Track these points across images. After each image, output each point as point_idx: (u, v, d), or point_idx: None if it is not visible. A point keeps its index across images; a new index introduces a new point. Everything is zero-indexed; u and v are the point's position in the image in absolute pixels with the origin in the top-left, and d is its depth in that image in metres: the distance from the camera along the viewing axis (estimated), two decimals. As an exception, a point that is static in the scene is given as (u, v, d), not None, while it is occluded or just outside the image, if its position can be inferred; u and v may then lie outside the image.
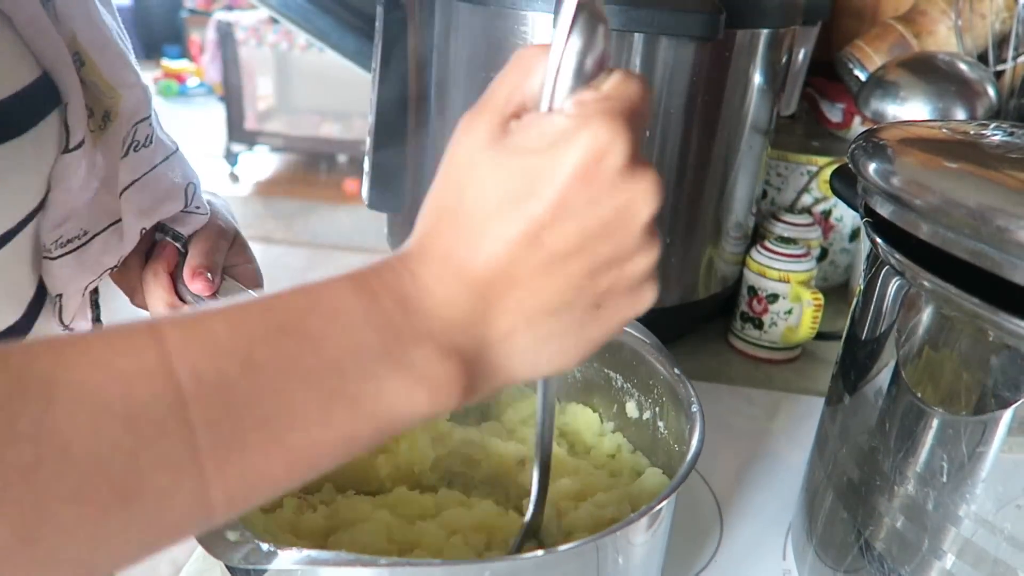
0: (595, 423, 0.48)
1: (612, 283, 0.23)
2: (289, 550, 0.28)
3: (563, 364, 0.25)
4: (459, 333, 0.22)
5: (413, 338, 0.22)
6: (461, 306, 0.22)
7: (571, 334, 0.24)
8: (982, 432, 0.32)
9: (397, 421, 0.22)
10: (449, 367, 0.22)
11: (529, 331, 0.23)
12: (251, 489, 0.20)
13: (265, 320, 0.21)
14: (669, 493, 0.33)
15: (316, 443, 0.21)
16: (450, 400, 0.23)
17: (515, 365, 0.24)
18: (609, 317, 0.24)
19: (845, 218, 0.81)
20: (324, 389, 0.21)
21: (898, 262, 0.36)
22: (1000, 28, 0.78)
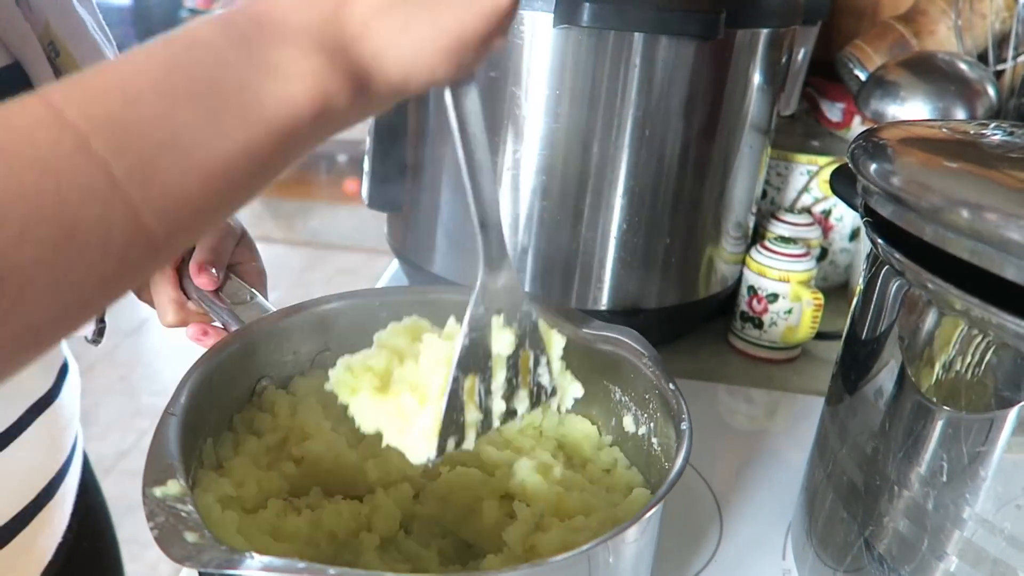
0: (593, 435, 0.47)
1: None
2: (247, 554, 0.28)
3: (430, 59, 0.25)
4: (316, 32, 0.24)
5: (271, 45, 0.24)
6: (312, 11, 0.24)
7: (422, 23, 0.25)
8: (982, 432, 0.32)
9: (289, 122, 0.24)
10: (314, 61, 0.24)
11: (379, 21, 0.24)
12: (180, 207, 0.22)
13: (133, 62, 0.23)
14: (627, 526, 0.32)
15: (221, 155, 0.23)
16: (335, 95, 0.24)
17: (385, 60, 0.25)
18: (460, 3, 0.25)
19: (845, 218, 0.81)
20: (207, 104, 0.23)
21: (898, 262, 0.36)
22: (1000, 28, 0.78)
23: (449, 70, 0.26)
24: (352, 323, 0.48)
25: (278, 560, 0.28)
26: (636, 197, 0.61)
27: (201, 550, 0.28)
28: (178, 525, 0.29)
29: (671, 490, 0.34)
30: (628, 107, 0.58)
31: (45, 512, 0.46)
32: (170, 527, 0.29)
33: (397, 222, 0.72)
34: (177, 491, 0.31)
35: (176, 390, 0.38)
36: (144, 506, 0.30)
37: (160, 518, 0.29)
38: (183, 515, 0.30)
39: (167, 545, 0.28)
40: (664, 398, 0.41)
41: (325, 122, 0.25)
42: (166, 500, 0.30)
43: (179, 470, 0.32)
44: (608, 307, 0.64)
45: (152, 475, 0.32)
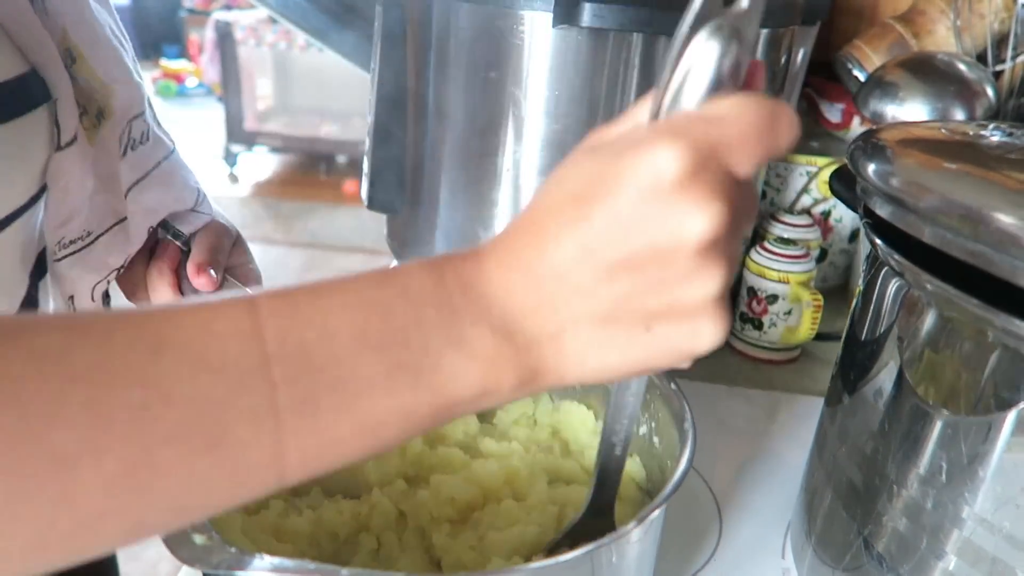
0: (589, 421, 0.48)
1: (663, 306, 0.23)
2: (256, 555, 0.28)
3: (611, 375, 0.25)
4: (513, 321, 0.24)
5: (470, 318, 0.23)
6: (517, 295, 0.23)
7: (618, 348, 0.24)
8: (981, 432, 0.32)
9: (452, 398, 0.23)
10: (501, 348, 0.23)
11: (577, 335, 0.24)
12: (322, 451, 0.22)
13: (343, 293, 0.23)
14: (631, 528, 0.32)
15: (381, 411, 0.22)
16: (501, 383, 0.24)
17: (565, 366, 0.24)
18: (659, 343, 0.24)
19: (844, 219, 0.81)
20: (389, 358, 0.22)
21: (897, 263, 0.36)
22: (999, 28, 0.78)
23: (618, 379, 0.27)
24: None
25: (288, 561, 0.28)
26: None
27: (210, 551, 0.28)
28: (186, 527, 0.29)
29: (674, 493, 0.34)
30: (628, 107, 0.58)
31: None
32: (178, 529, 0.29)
33: (397, 223, 0.72)
34: None
35: None
36: None
37: None
38: None
39: (176, 547, 0.28)
40: (666, 398, 0.42)
41: (481, 403, 0.24)
42: None
43: None
44: (608, 308, 0.64)
45: None
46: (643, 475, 0.45)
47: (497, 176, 0.61)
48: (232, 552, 0.28)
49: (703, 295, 0.23)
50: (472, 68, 0.59)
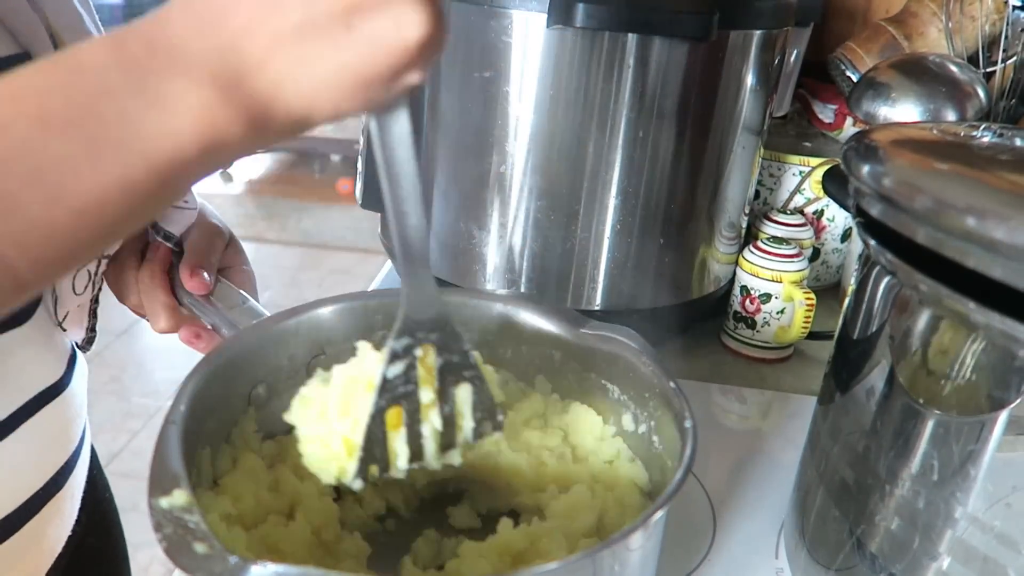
0: (597, 426, 0.47)
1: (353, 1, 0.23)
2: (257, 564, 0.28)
3: (335, 93, 0.24)
4: (211, 62, 0.23)
5: (162, 73, 0.22)
6: (208, 35, 0.23)
7: (325, 57, 0.23)
8: (973, 431, 0.33)
9: (171, 158, 0.23)
10: (205, 94, 0.23)
11: (279, 54, 0.23)
12: (47, 244, 0.22)
13: (13, 84, 0.22)
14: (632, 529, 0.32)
15: (94, 190, 0.22)
16: (225, 129, 0.23)
17: (285, 93, 0.23)
18: (365, 39, 0.23)
19: (837, 218, 0.82)
20: (83, 136, 0.22)
21: (889, 262, 0.36)
22: (990, 30, 0.79)
23: (355, 105, 0.25)
24: (347, 327, 0.47)
25: (293, 568, 0.28)
26: (629, 197, 0.61)
27: (212, 560, 0.28)
28: (186, 536, 0.29)
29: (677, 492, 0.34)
30: (621, 108, 0.58)
31: (54, 503, 0.46)
32: (178, 538, 0.29)
33: (391, 222, 0.72)
34: (183, 501, 0.31)
35: (175, 398, 0.38)
36: (151, 517, 0.30)
37: (168, 529, 0.29)
38: (191, 526, 0.30)
39: (177, 556, 0.28)
40: (665, 397, 0.41)
41: (214, 155, 0.24)
42: (173, 511, 0.30)
43: (184, 480, 0.32)
44: (602, 307, 0.64)
45: (157, 486, 0.32)
46: (645, 478, 0.45)
47: (491, 175, 0.61)
48: (234, 561, 0.28)
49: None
50: (466, 67, 0.59)
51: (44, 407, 0.43)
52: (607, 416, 0.48)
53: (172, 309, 0.46)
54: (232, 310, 0.46)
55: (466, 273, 0.65)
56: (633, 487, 0.44)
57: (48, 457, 0.45)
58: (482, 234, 0.63)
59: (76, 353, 0.49)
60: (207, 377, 0.40)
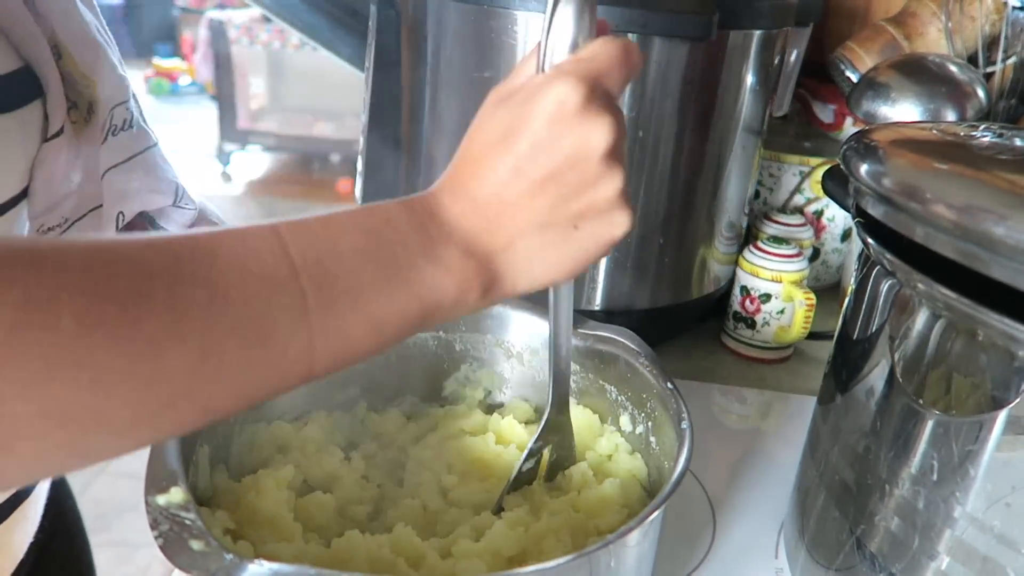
0: (595, 424, 0.48)
1: (584, 206, 0.30)
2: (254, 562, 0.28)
3: (554, 275, 0.31)
4: (472, 240, 0.29)
5: (440, 240, 0.29)
6: (471, 219, 0.29)
7: (556, 249, 0.30)
8: (972, 431, 0.33)
9: (435, 304, 0.29)
10: (468, 263, 0.29)
11: (523, 243, 0.30)
12: (340, 347, 0.27)
13: (343, 221, 0.28)
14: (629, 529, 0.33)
15: (383, 312, 0.28)
16: (470, 292, 0.29)
17: (517, 273, 0.30)
18: (587, 236, 0.31)
19: (837, 218, 0.82)
20: (385, 270, 0.28)
21: (889, 262, 0.36)
22: (990, 30, 0.79)
23: (564, 281, 0.33)
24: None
25: (287, 567, 0.28)
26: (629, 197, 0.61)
27: (208, 557, 0.28)
28: (183, 533, 0.29)
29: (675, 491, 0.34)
30: (622, 107, 0.58)
31: (21, 510, 0.46)
32: (175, 535, 0.29)
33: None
34: (180, 499, 0.31)
35: None
36: (147, 515, 0.30)
37: (164, 526, 0.29)
38: (187, 523, 0.30)
39: (173, 553, 0.28)
40: (662, 398, 0.42)
41: (456, 309, 0.30)
42: (169, 508, 0.30)
43: (181, 477, 0.32)
44: (602, 307, 0.64)
45: (154, 483, 0.32)
46: (645, 472, 0.45)
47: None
48: (229, 559, 0.28)
49: (612, 191, 0.30)
50: (466, 67, 0.59)
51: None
52: (605, 416, 0.48)
53: None
54: None
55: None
56: (634, 481, 0.44)
57: None
58: (482, 234, 0.63)
59: None
60: None
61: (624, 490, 0.43)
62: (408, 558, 0.39)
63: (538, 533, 0.39)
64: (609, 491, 0.42)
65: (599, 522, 0.40)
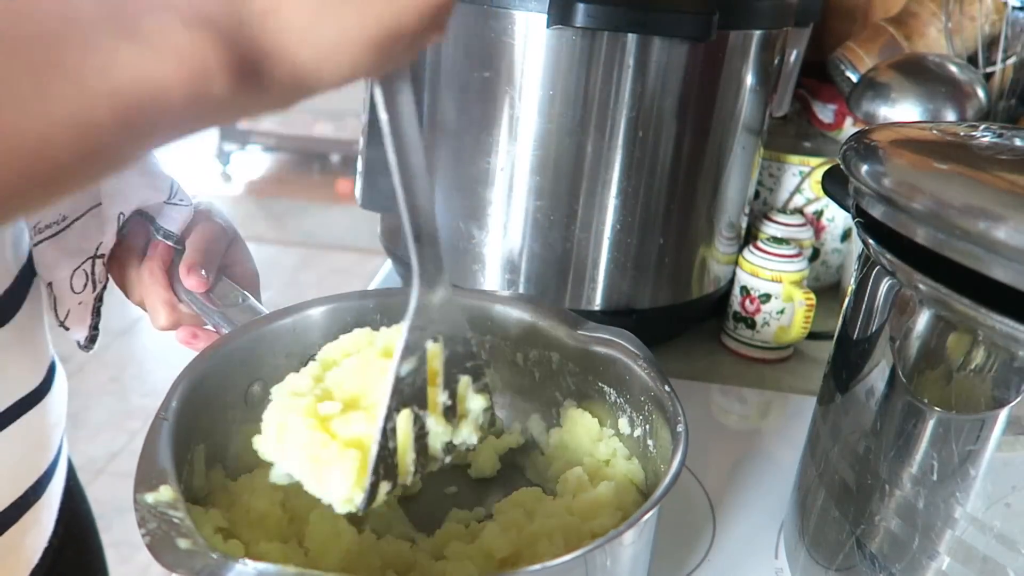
0: (594, 428, 0.47)
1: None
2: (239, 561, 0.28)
3: (351, 51, 0.22)
4: (207, 4, 0.20)
5: (151, 9, 0.20)
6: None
7: (348, 11, 0.21)
8: (972, 432, 0.33)
9: (145, 100, 0.20)
10: (196, 37, 0.20)
11: (295, 1, 0.20)
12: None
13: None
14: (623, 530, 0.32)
15: (38, 126, 0.19)
16: (211, 78, 0.20)
17: (291, 46, 0.21)
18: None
19: (837, 218, 0.82)
20: (32, 61, 0.18)
21: (889, 262, 0.36)
22: (989, 30, 0.79)
23: (375, 64, 0.22)
24: (346, 326, 0.47)
25: (272, 567, 0.28)
26: (629, 197, 0.61)
27: (193, 557, 0.28)
28: (170, 532, 0.29)
29: (667, 494, 0.34)
30: (621, 108, 0.58)
31: (32, 512, 0.45)
32: (162, 534, 0.29)
33: (391, 222, 0.72)
34: (169, 497, 0.31)
35: (168, 394, 0.37)
36: (136, 512, 0.30)
37: (152, 524, 0.29)
38: (175, 521, 0.30)
39: (159, 552, 0.28)
40: (659, 401, 0.41)
41: (198, 108, 0.20)
42: (158, 506, 0.30)
43: (171, 476, 0.32)
44: (601, 307, 0.64)
45: (144, 481, 0.31)
46: (642, 477, 0.45)
47: (491, 175, 0.61)
48: (215, 558, 0.28)
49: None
50: (466, 68, 0.59)
51: (23, 415, 0.43)
52: (604, 419, 0.48)
53: (171, 306, 0.46)
54: (231, 308, 0.46)
55: (466, 273, 0.65)
56: (630, 485, 0.44)
57: (27, 466, 0.45)
58: (482, 234, 0.63)
59: (55, 363, 0.49)
60: (201, 374, 0.40)
61: (619, 494, 0.42)
62: (399, 560, 0.39)
63: (531, 536, 0.39)
64: (604, 494, 0.42)
65: (593, 525, 0.40)
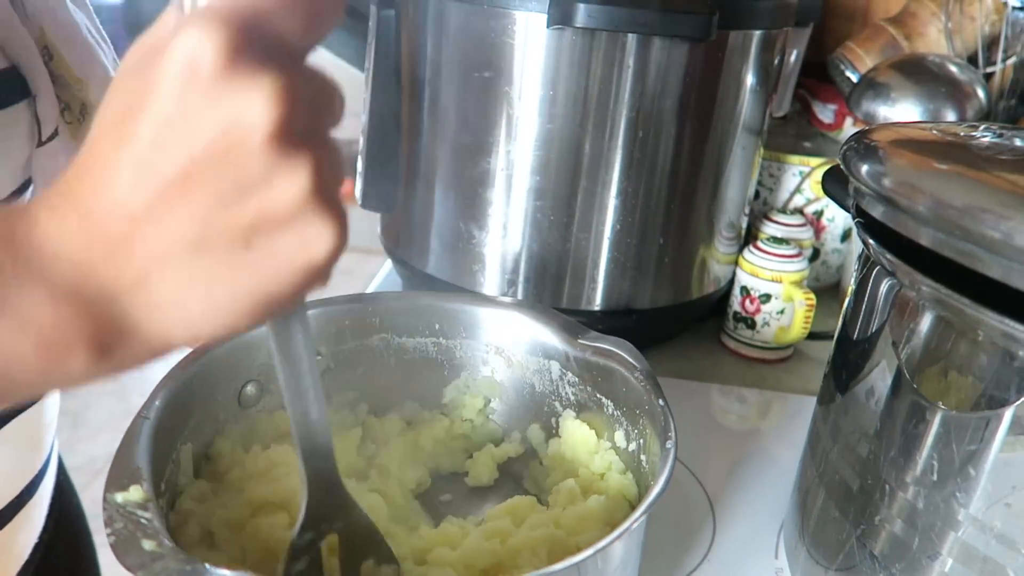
0: (591, 440, 0.47)
1: (254, 215, 0.20)
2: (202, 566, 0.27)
3: (226, 318, 0.21)
4: (77, 277, 0.20)
5: (20, 281, 0.20)
6: (77, 244, 0.20)
7: (220, 279, 0.20)
8: (972, 432, 0.33)
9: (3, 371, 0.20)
10: (62, 311, 0.20)
11: (164, 274, 0.20)
12: None
13: None
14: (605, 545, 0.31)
15: None
16: (69, 353, 0.20)
17: (161, 318, 0.21)
18: (267, 259, 0.20)
19: (837, 218, 0.82)
20: None
21: (889, 262, 0.36)
22: (989, 30, 0.79)
23: (252, 323, 0.22)
24: (343, 328, 0.47)
25: (231, 573, 0.27)
26: (629, 197, 0.61)
27: (156, 559, 0.27)
28: (136, 532, 0.28)
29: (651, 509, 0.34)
30: (621, 108, 0.58)
31: (25, 511, 0.46)
32: (128, 534, 0.28)
33: (390, 222, 0.72)
34: (139, 497, 0.30)
35: (152, 393, 0.37)
36: (103, 512, 0.29)
37: (118, 524, 0.29)
38: (142, 522, 0.29)
39: (122, 553, 0.27)
40: (652, 415, 0.41)
41: (49, 379, 0.21)
42: (127, 506, 0.30)
43: (145, 476, 0.32)
44: (601, 307, 0.64)
45: (115, 480, 0.31)
46: (634, 492, 0.44)
47: (491, 175, 0.61)
48: (179, 560, 0.27)
49: (294, 193, 0.20)
50: (466, 68, 0.59)
51: (18, 416, 0.43)
52: (602, 431, 0.47)
53: None
54: None
55: (465, 273, 0.65)
56: (623, 500, 0.44)
57: (22, 467, 0.45)
58: (482, 234, 0.63)
59: None
60: (191, 373, 0.40)
61: (609, 508, 0.42)
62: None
63: (514, 547, 0.38)
64: (594, 508, 0.41)
65: (579, 539, 0.39)
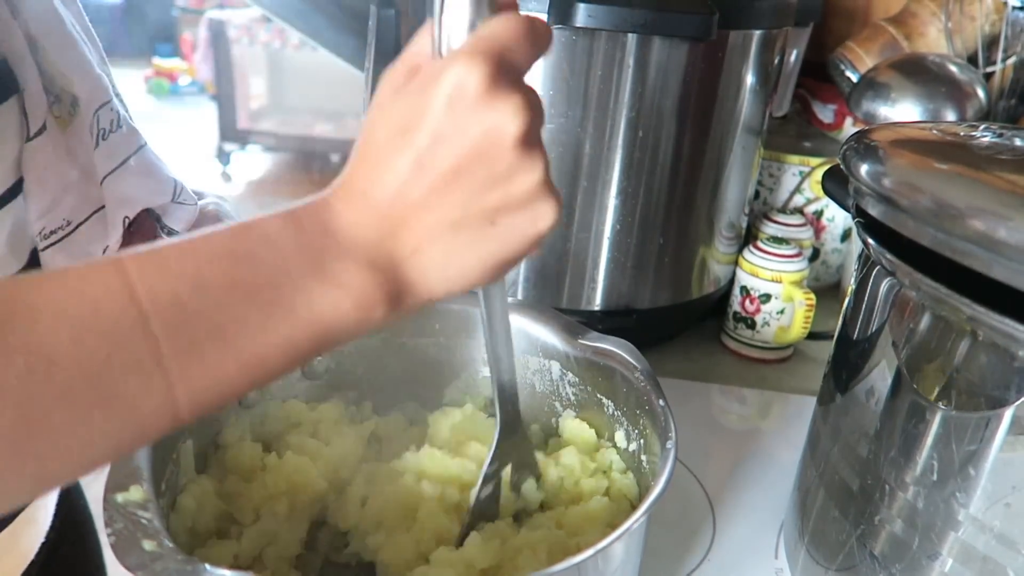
0: (592, 440, 0.47)
1: (500, 200, 0.26)
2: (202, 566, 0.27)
3: (474, 278, 0.28)
4: (373, 250, 0.26)
5: (334, 256, 0.26)
6: (371, 227, 0.26)
7: (472, 249, 0.27)
8: (972, 432, 0.33)
9: (331, 328, 0.26)
10: (367, 277, 0.26)
11: (433, 246, 0.27)
12: (211, 390, 0.24)
13: (210, 246, 0.25)
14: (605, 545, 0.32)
15: (262, 348, 0.25)
16: (374, 308, 0.26)
17: (430, 279, 0.27)
18: (507, 233, 0.27)
19: (837, 218, 0.82)
20: (262, 301, 0.25)
21: (889, 262, 0.36)
22: (989, 30, 0.79)
23: (484, 284, 0.29)
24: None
25: (231, 573, 0.27)
26: (629, 197, 0.61)
27: (156, 558, 0.27)
28: (136, 532, 0.29)
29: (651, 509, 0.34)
30: (621, 108, 0.58)
31: (29, 510, 0.45)
32: (128, 534, 0.29)
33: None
34: (139, 497, 0.30)
35: None
36: (104, 512, 0.30)
37: (119, 524, 0.29)
38: (143, 522, 0.29)
39: (122, 553, 0.28)
40: (653, 415, 0.41)
41: (360, 328, 0.27)
42: (127, 506, 0.30)
43: (145, 475, 0.32)
44: (601, 307, 0.64)
45: (115, 480, 0.31)
46: (635, 492, 0.44)
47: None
48: (178, 560, 0.27)
49: (532, 181, 0.27)
50: (466, 67, 0.59)
51: None
52: (602, 431, 0.47)
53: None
54: None
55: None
56: (624, 500, 0.44)
57: None
58: (482, 234, 0.63)
59: None
60: None
61: (610, 509, 0.42)
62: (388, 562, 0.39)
63: (515, 547, 0.39)
64: (594, 508, 0.41)
65: (580, 540, 0.39)
